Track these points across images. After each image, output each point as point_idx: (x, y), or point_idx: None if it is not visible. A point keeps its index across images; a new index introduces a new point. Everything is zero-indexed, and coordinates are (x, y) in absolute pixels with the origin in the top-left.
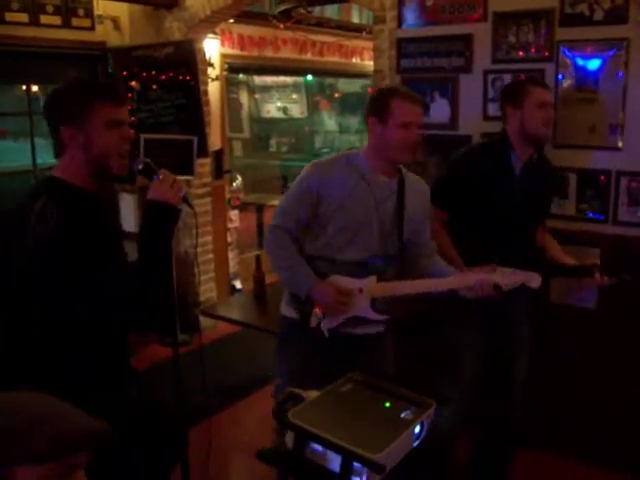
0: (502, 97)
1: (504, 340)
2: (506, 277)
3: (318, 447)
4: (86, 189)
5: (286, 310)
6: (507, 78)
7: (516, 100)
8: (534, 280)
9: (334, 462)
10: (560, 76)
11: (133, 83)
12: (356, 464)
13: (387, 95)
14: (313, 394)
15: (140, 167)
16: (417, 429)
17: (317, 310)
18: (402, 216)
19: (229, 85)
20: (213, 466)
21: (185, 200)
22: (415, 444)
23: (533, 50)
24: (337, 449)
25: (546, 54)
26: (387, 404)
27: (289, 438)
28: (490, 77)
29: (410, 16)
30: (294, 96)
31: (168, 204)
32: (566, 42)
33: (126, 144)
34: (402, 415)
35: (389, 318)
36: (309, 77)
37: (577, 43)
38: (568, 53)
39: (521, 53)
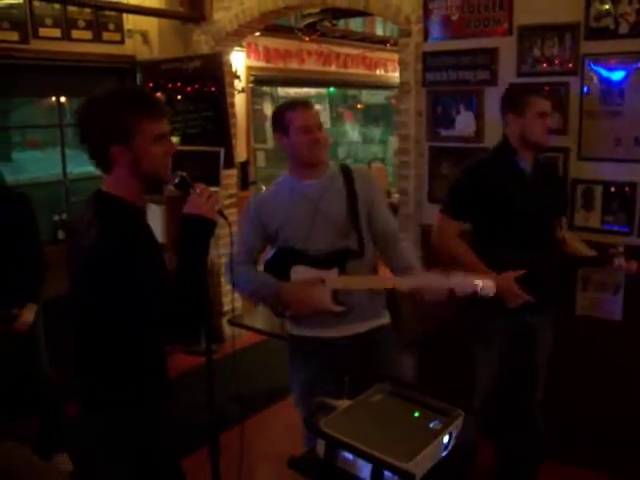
0: (503, 104)
1: (525, 363)
2: (460, 283)
3: (349, 455)
4: (134, 204)
5: (291, 328)
6: None
7: (518, 109)
8: (488, 286)
9: (364, 470)
10: (585, 89)
11: (163, 95)
12: (386, 472)
13: (283, 109)
14: (344, 404)
15: (176, 181)
16: (446, 439)
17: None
18: (355, 201)
19: (253, 96)
20: (242, 475)
21: (220, 213)
22: (443, 454)
23: (558, 63)
24: (368, 457)
25: (571, 67)
26: (416, 414)
27: (320, 446)
28: None
29: (435, 30)
30: (317, 107)
31: (205, 217)
32: (591, 55)
33: (169, 156)
34: (431, 425)
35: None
36: (331, 89)
37: (602, 56)
38: (593, 66)
39: (546, 66)
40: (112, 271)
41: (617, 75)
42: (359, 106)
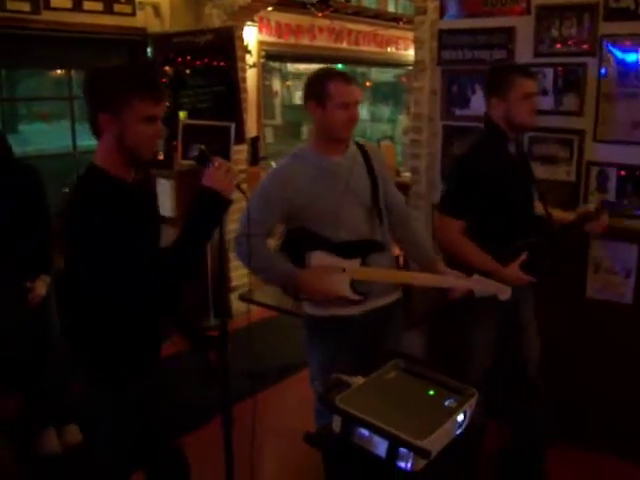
0: (486, 87)
1: (513, 328)
2: (480, 284)
3: (365, 432)
4: (119, 177)
5: (309, 308)
6: (549, 72)
7: (501, 91)
8: (505, 292)
9: (380, 447)
10: (603, 70)
11: (171, 69)
12: (402, 449)
13: (324, 79)
14: (359, 380)
15: (195, 154)
16: (460, 417)
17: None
18: (375, 177)
19: (262, 72)
20: (247, 450)
21: (238, 187)
22: (458, 432)
23: (576, 44)
24: (384, 434)
25: (589, 48)
26: (431, 392)
27: (336, 422)
28: None
29: (452, 8)
30: None
31: (221, 193)
32: (610, 36)
33: (156, 139)
34: (446, 403)
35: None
36: (339, 66)
37: (621, 37)
38: (611, 47)
39: (563, 47)
40: (78, 238)
41: (636, 57)
42: (368, 84)
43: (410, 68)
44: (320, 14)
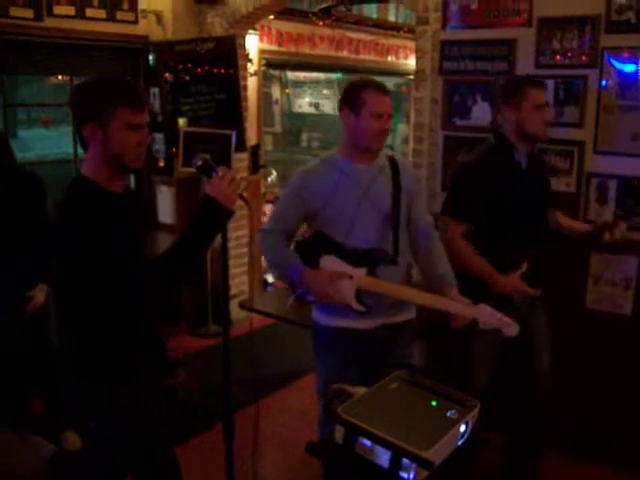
0: (497, 97)
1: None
2: (486, 316)
3: (367, 442)
4: (105, 186)
5: (317, 317)
6: (550, 84)
7: (513, 102)
8: (511, 328)
9: (383, 457)
10: (603, 83)
11: (174, 77)
12: (405, 460)
13: (359, 88)
14: (361, 390)
15: (199, 163)
16: (462, 428)
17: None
18: (399, 190)
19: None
20: (247, 458)
21: (241, 197)
22: (459, 442)
23: (577, 56)
24: (387, 445)
25: (590, 61)
26: (433, 403)
27: (339, 433)
28: None
29: (454, 18)
30: (326, 92)
31: (224, 207)
32: (611, 49)
33: (142, 146)
34: (448, 414)
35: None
36: (339, 74)
37: (622, 50)
38: (612, 60)
39: (565, 59)
40: (63, 244)
41: (636, 69)
42: None
43: (410, 77)
44: (321, 23)
